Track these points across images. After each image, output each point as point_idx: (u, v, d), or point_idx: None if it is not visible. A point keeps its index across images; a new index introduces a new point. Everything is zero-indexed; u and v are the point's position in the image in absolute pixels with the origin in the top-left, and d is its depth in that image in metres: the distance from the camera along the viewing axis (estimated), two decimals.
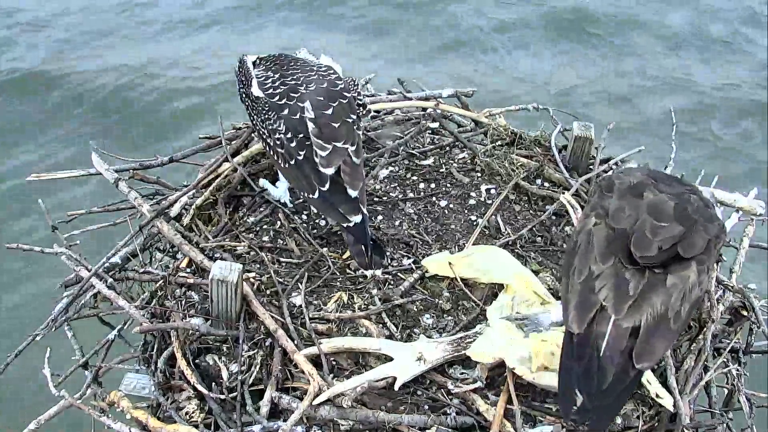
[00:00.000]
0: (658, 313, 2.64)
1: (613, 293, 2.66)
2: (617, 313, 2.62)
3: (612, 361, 2.57)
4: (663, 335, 2.64)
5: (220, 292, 3.12)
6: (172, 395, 3.17)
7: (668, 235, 2.74)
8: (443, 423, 2.90)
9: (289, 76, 3.63)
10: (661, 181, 3.01)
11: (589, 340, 2.63)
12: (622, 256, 2.74)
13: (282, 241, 3.70)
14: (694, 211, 2.85)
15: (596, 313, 2.66)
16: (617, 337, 2.60)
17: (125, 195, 3.78)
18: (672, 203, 2.85)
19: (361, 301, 3.38)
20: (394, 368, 3.00)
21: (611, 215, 2.86)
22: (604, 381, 2.56)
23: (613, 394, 2.58)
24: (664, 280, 2.69)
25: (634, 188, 2.94)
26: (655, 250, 2.71)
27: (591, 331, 2.64)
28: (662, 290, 2.67)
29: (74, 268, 3.54)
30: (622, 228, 2.80)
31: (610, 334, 2.61)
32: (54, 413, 3.12)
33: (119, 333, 3.63)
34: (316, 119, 3.49)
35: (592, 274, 2.74)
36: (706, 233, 2.80)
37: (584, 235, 2.89)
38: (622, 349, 2.59)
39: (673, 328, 2.66)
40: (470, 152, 4.34)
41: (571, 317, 2.69)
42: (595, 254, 2.77)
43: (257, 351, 3.11)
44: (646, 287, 2.67)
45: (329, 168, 3.43)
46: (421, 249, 3.70)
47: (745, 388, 3.41)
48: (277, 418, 2.97)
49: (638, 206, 2.85)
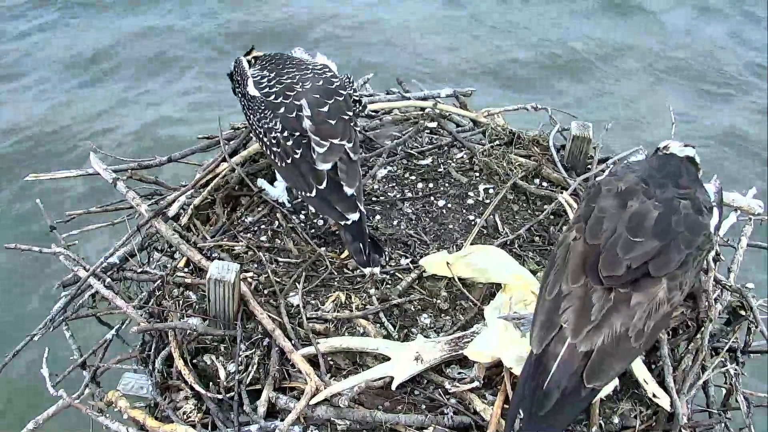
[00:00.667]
0: (617, 334, 2.66)
1: (575, 316, 2.69)
2: (574, 337, 2.66)
3: (558, 385, 2.61)
4: (620, 355, 2.67)
5: (217, 291, 3.12)
6: (169, 395, 3.17)
7: (640, 252, 2.73)
8: (440, 423, 2.90)
9: (285, 75, 3.63)
10: (656, 184, 2.97)
11: (542, 361, 2.67)
12: (593, 276, 2.74)
13: (280, 241, 3.70)
14: (678, 222, 2.81)
15: (556, 334, 2.70)
16: (569, 360, 2.64)
17: (123, 195, 3.78)
18: (656, 213, 2.82)
19: (359, 301, 3.38)
20: (392, 368, 3.00)
21: (588, 230, 2.85)
22: (546, 404, 2.59)
23: (558, 414, 2.61)
24: (629, 299, 2.70)
25: (621, 195, 2.91)
26: (623, 269, 2.71)
27: (547, 352, 2.68)
28: (625, 311, 2.68)
29: (72, 268, 3.55)
30: (596, 244, 2.80)
31: (562, 357, 2.65)
32: (52, 413, 3.13)
33: (117, 333, 3.64)
34: (313, 117, 3.49)
35: (560, 293, 2.76)
36: (685, 247, 2.77)
37: (563, 249, 2.90)
38: (573, 371, 2.62)
39: (633, 345, 2.68)
40: (468, 152, 4.34)
41: (534, 336, 2.73)
42: (567, 272, 2.79)
43: (255, 351, 3.11)
44: (610, 309, 2.69)
45: (325, 163, 3.43)
46: (419, 249, 3.70)
47: (742, 387, 3.40)
48: (275, 417, 2.98)
49: (618, 219, 2.83)
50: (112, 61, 9.64)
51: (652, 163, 3.19)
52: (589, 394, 2.65)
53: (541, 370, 2.65)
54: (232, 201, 3.96)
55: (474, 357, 3.01)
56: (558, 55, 10.26)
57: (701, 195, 3.01)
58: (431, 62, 9.94)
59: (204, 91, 9.17)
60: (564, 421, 2.68)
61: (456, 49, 10.29)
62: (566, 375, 2.62)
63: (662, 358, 3.15)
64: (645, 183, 2.96)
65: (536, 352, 2.69)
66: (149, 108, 8.92)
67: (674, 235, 2.78)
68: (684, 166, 3.15)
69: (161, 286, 3.39)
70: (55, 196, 6.84)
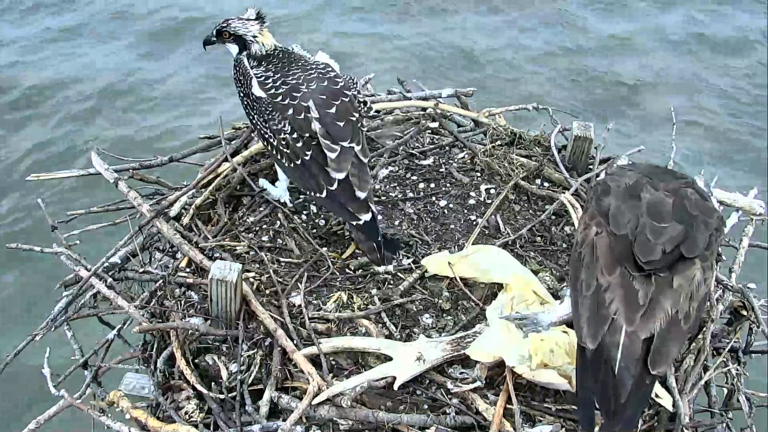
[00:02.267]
0: (670, 317, 2.65)
1: (624, 304, 2.66)
2: (630, 324, 2.63)
3: (628, 373, 2.58)
4: (675, 338, 2.66)
5: (219, 291, 3.12)
6: (171, 395, 3.17)
7: (670, 236, 2.74)
8: (443, 422, 2.90)
9: (290, 75, 3.61)
10: (656, 177, 2.99)
11: (602, 355, 2.63)
12: (628, 264, 2.73)
13: (281, 241, 3.70)
14: (692, 207, 2.84)
15: (609, 326, 2.66)
16: (631, 347, 2.61)
17: (125, 195, 3.78)
18: (670, 201, 2.84)
19: (361, 301, 3.38)
20: (394, 368, 3.00)
21: (611, 221, 2.84)
22: (622, 394, 2.56)
23: (633, 404, 2.59)
24: (671, 282, 2.69)
25: (631, 189, 2.93)
26: (659, 253, 2.71)
27: (604, 345, 2.64)
28: (671, 293, 2.68)
29: (74, 267, 3.54)
30: (624, 234, 2.79)
31: (624, 345, 2.61)
32: (54, 413, 3.12)
33: (119, 333, 3.63)
34: (321, 118, 3.48)
35: (600, 287, 2.73)
36: (706, 228, 2.80)
37: (587, 246, 2.87)
38: (637, 358, 2.60)
39: (684, 328, 2.68)
40: (470, 152, 4.34)
41: (584, 333, 2.69)
42: (600, 265, 2.76)
43: (257, 351, 3.11)
44: (656, 293, 2.67)
45: (341, 173, 3.44)
46: (420, 249, 3.70)
47: (744, 387, 3.40)
48: (277, 417, 2.98)
49: (637, 208, 2.84)
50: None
51: (641, 165, 3.22)
52: (652, 381, 2.64)
53: (605, 363, 2.62)
54: (233, 201, 3.96)
55: (476, 357, 3.01)
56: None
57: (697, 186, 3.04)
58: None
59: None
60: (638, 410, 2.67)
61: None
62: (632, 362, 2.59)
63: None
64: (648, 177, 2.98)
65: (592, 348, 2.64)
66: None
67: (693, 218, 2.80)
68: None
69: (163, 286, 3.39)
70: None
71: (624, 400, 2.56)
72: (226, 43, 3.77)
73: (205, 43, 3.85)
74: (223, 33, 3.74)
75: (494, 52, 10.40)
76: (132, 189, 3.77)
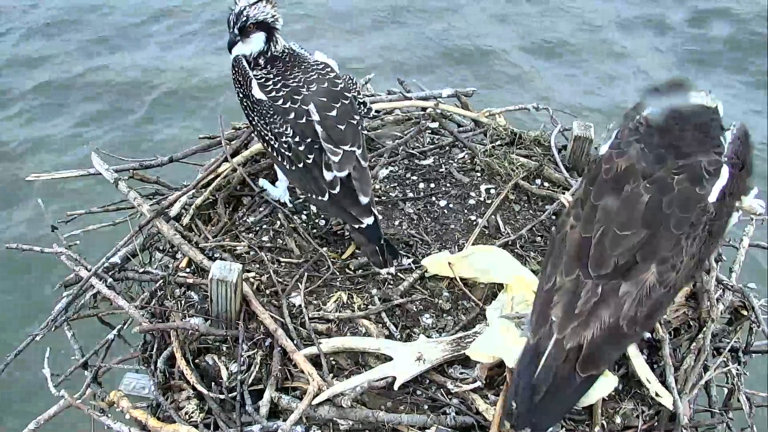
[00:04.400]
0: (606, 326, 2.71)
1: (562, 312, 2.76)
2: (560, 333, 2.72)
3: (549, 376, 2.69)
4: (613, 343, 2.74)
5: (219, 291, 3.12)
6: (171, 395, 3.17)
7: (627, 246, 2.76)
8: (443, 423, 2.90)
9: (290, 77, 3.59)
10: (656, 157, 2.88)
11: (536, 352, 2.75)
12: (584, 270, 2.79)
13: (282, 241, 3.70)
14: (669, 203, 2.79)
15: (547, 328, 2.77)
16: (557, 354, 2.71)
17: (125, 195, 3.78)
18: (646, 198, 2.81)
19: (361, 301, 3.38)
20: (394, 368, 3.00)
21: (583, 221, 2.88)
22: (538, 395, 2.67)
23: (551, 405, 2.69)
24: (618, 290, 2.74)
25: (617, 179, 2.89)
26: (611, 266, 2.76)
27: (539, 344, 2.76)
28: (614, 302, 2.73)
29: (74, 267, 3.54)
30: (588, 237, 2.83)
31: (550, 352, 2.72)
32: (54, 413, 3.12)
33: (119, 333, 3.63)
34: (322, 121, 3.47)
35: (554, 285, 2.83)
36: (676, 229, 2.77)
37: (560, 240, 2.95)
38: (562, 363, 2.70)
39: (627, 332, 2.73)
40: (470, 152, 4.34)
41: (532, 325, 2.82)
42: (562, 263, 2.84)
43: (257, 351, 3.11)
44: (596, 303, 2.74)
45: (341, 172, 3.43)
46: (420, 249, 3.70)
47: (744, 387, 3.40)
48: (277, 417, 2.98)
49: (611, 209, 2.84)
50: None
51: (660, 124, 3.00)
52: (584, 382, 2.71)
53: (535, 361, 2.73)
54: (233, 201, 3.96)
55: (476, 357, 3.01)
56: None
57: (705, 157, 2.88)
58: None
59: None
60: (558, 412, 2.77)
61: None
62: (555, 366, 2.69)
63: (664, 358, 3.15)
64: (644, 159, 2.90)
65: (532, 342, 2.77)
66: None
67: (664, 219, 2.79)
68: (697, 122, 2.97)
69: (163, 286, 3.39)
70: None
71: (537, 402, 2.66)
72: (251, 35, 3.55)
73: (230, 47, 3.59)
74: (248, 27, 3.52)
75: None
76: (132, 189, 3.77)
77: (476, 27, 10.83)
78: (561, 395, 2.70)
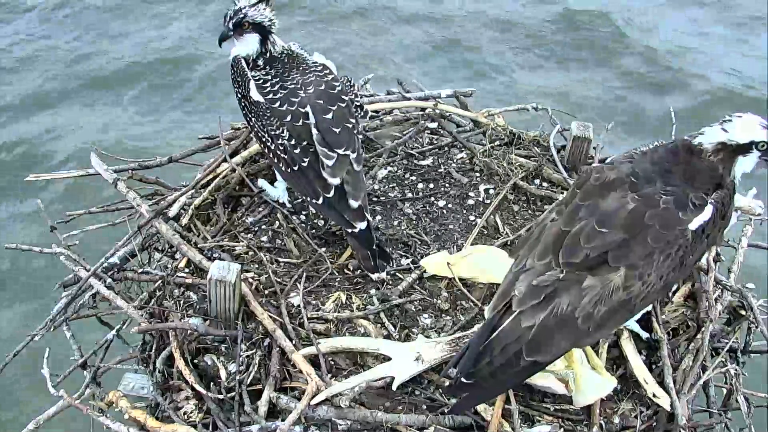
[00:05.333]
0: (562, 313, 2.73)
1: (525, 289, 2.79)
2: (518, 307, 2.77)
3: (494, 352, 2.73)
4: (565, 334, 2.75)
5: (218, 292, 3.12)
6: (170, 395, 3.17)
7: (601, 242, 2.78)
8: (441, 423, 2.90)
9: (288, 79, 3.59)
10: (646, 178, 2.93)
11: (490, 328, 2.79)
12: (556, 259, 2.82)
13: (280, 241, 3.70)
14: (652, 217, 2.81)
15: (506, 304, 2.82)
16: (511, 330, 2.75)
17: (124, 195, 3.78)
18: (630, 206, 2.83)
19: (360, 301, 3.39)
20: (392, 368, 3.00)
21: (565, 216, 2.92)
22: (480, 367, 2.72)
23: (492, 380, 2.74)
24: (581, 281, 2.76)
25: (605, 186, 2.93)
26: (582, 257, 2.78)
27: (495, 320, 2.81)
28: (574, 291, 2.75)
29: (73, 268, 3.55)
30: (567, 230, 2.87)
31: (505, 327, 2.77)
32: (53, 413, 3.13)
33: (118, 333, 3.63)
34: (318, 124, 3.48)
35: (524, 267, 2.88)
36: (652, 242, 2.78)
37: (538, 228, 3.02)
38: (514, 341, 2.73)
39: (581, 327, 2.74)
40: (469, 152, 4.34)
41: (492, 302, 2.88)
42: (537, 250, 2.89)
43: (255, 351, 3.11)
44: (558, 288, 2.76)
45: (336, 180, 3.44)
46: (419, 249, 3.71)
47: (743, 387, 3.40)
48: (275, 417, 2.98)
49: (593, 210, 2.87)
50: None
51: (654, 154, 3.07)
52: (529, 366, 2.75)
53: (487, 334, 2.78)
54: (232, 201, 3.96)
55: None
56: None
57: (693, 192, 2.91)
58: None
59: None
60: (497, 388, 2.82)
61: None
62: (506, 343, 2.73)
63: (662, 358, 3.15)
64: (634, 176, 2.94)
65: (487, 317, 2.83)
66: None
67: (642, 229, 2.80)
68: (691, 161, 2.97)
69: (162, 287, 3.39)
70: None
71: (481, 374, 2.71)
72: (245, 34, 3.61)
73: (221, 40, 3.67)
74: (243, 24, 3.57)
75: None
76: (131, 189, 3.77)
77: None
78: (502, 374, 2.73)
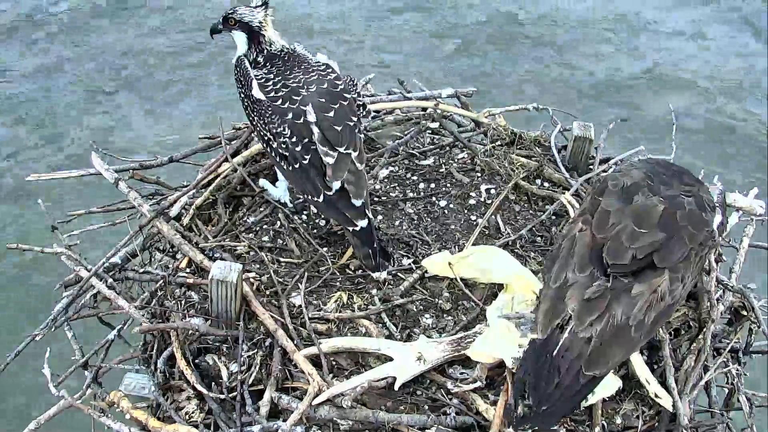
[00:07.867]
0: (617, 323, 2.69)
1: (579, 304, 2.72)
2: (578, 325, 2.69)
3: (560, 368, 2.65)
4: (620, 344, 2.70)
5: (219, 292, 3.12)
6: (171, 395, 3.17)
7: (646, 242, 2.75)
8: (443, 423, 2.90)
9: (291, 78, 3.60)
10: (660, 180, 2.98)
11: (547, 347, 2.70)
12: (598, 266, 2.77)
13: (282, 241, 3.70)
14: (683, 217, 2.82)
15: (560, 322, 2.73)
16: (571, 345, 2.67)
17: (125, 195, 3.78)
18: (661, 207, 2.84)
19: (361, 301, 3.38)
20: (394, 368, 3.00)
21: (595, 223, 2.88)
22: (550, 391, 2.63)
23: (560, 399, 2.65)
24: (631, 289, 2.72)
25: (627, 191, 2.93)
26: (629, 258, 2.74)
27: (551, 339, 2.71)
28: (626, 300, 2.71)
29: (74, 268, 3.54)
30: (603, 236, 2.82)
31: (563, 344, 2.68)
32: (53, 413, 3.12)
33: (119, 333, 3.62)
34: (319, 122, 3.48)
35: (566, 281, 2.79)
36: (689, 242, 2.79)
37: (568, 241, 2.93)
38: (575, 357, 2.66)
39: (633, 336, 2.70)
40: (470, 152, 4.34)
41: (538, 322, 2.76)
42: (574, 262, 2.82)
43: (257, 351, 3.11)
44: (612, 298, 2.71)
45: (337, 179, 3.44)
46: (420, 249, 3.70)
47: (744, 387, 3.41)
48: (277, 418, 2.97)
49: (624, 212, 2.85)
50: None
51: (656, 163, 3.18)
52: (588, 383, 2.68)
53: (545, 356, 2.68)
54: (233, 201, 3.95)
55: (476, 357, 3.01)
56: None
57: (705, 194, 3.01)
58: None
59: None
60: (565, 408, 2.73)
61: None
62: (567, 362, 2.65)
63: (664, 358, 3.15)
64: (650, 179, 2.97)
65: (540, 338, 2.71)
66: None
67: (678, 230, 2.79)
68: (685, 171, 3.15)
69: (163, 287, 3.39)
70: None
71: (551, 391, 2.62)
72: (232, 30, 3.75)
73: (212, 31, 3.84)
74: (229, 20, 3.73)
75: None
76: (132, 189, 3.77)
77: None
78: (566, 395, 2.66)
